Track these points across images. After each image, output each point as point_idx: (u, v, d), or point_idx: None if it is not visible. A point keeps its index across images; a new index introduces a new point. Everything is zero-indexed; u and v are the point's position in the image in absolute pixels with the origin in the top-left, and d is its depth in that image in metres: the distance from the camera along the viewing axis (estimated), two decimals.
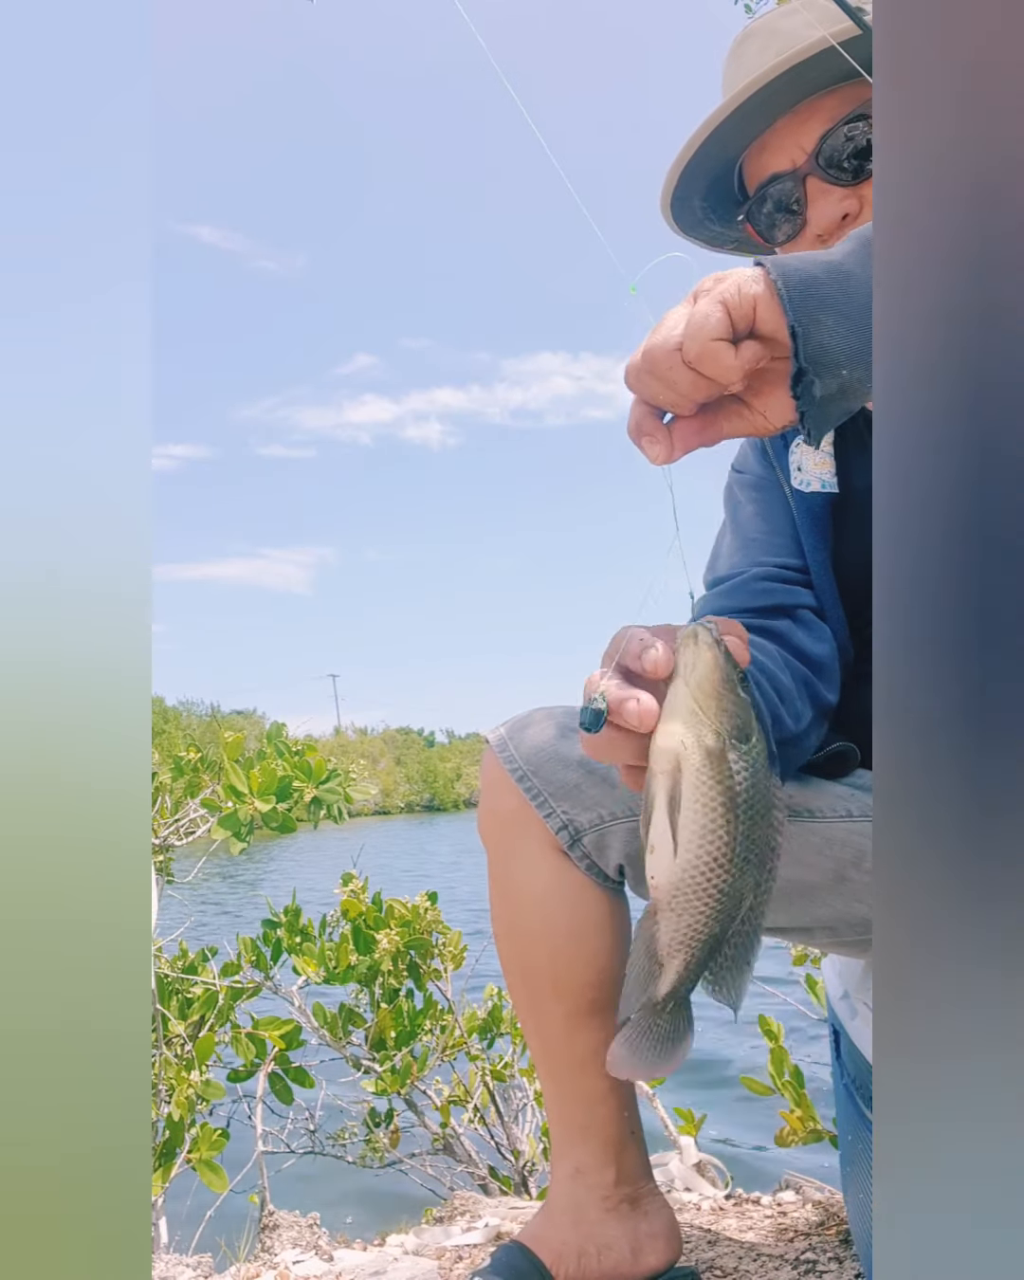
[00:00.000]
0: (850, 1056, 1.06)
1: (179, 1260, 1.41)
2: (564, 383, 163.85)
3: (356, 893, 2.35)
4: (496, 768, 1.02)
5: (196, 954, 2.31)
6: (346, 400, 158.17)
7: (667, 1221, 1.03)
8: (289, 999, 2.33)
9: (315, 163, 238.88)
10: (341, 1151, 2.41)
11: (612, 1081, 1.01)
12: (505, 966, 1.06)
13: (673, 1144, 1.74)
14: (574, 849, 0.99)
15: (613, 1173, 1.01)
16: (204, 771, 2.32)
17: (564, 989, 1.00)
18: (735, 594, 1.02)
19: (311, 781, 2.17)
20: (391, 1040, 2.27)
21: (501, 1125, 2.29)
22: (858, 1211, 1.08)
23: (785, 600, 1.02)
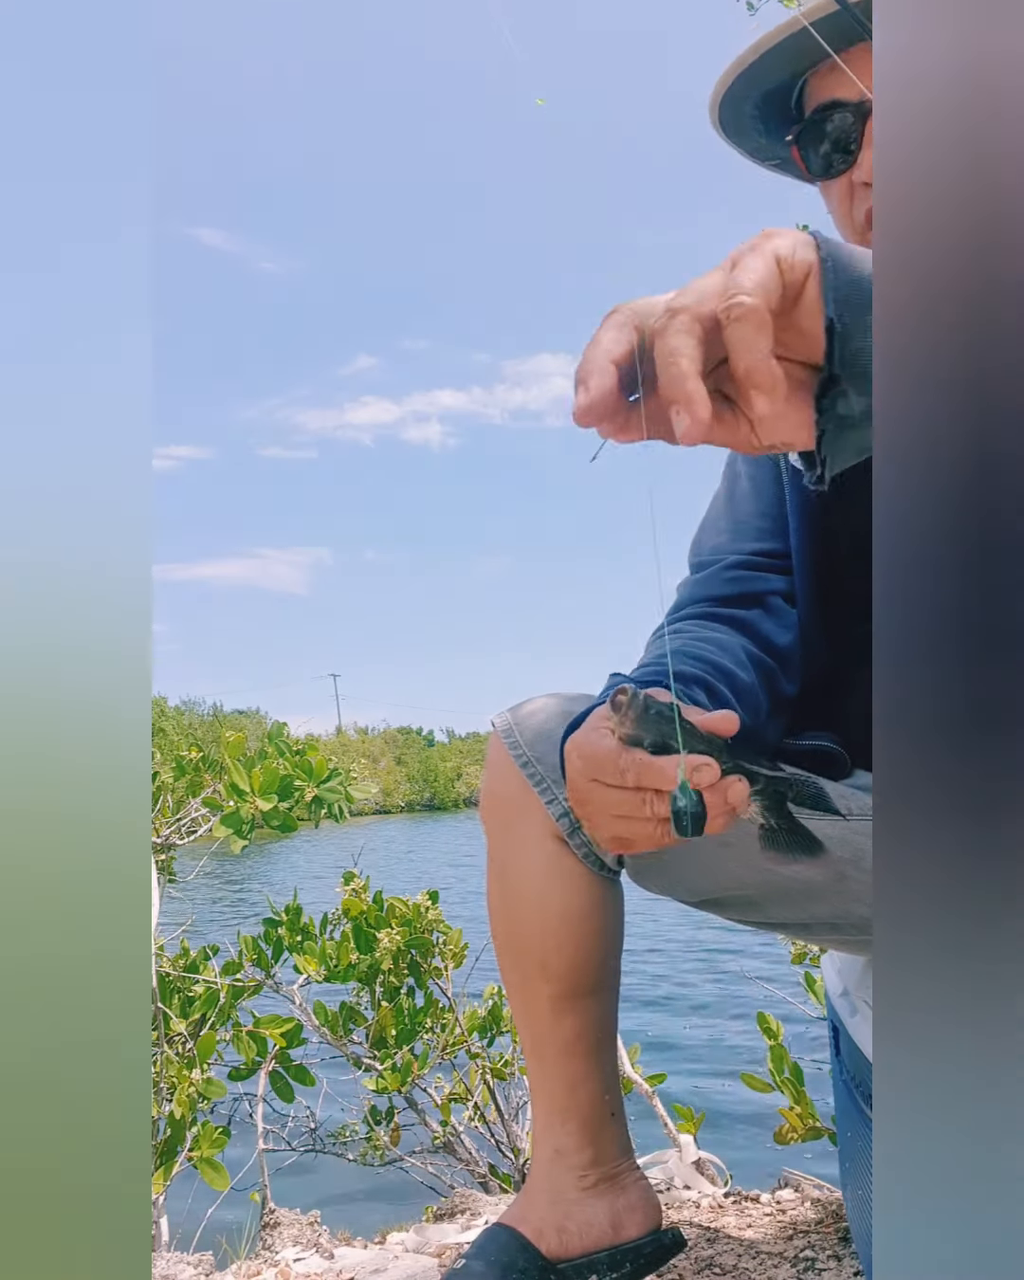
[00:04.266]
0: (849, 1054, 1.06)
1: (180, 1258, 1.41)
2: (564, 384, 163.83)
3: (358, 891, 2.35)
4: (501, 751, 1.02)
5: (197, 952, 2.32)
6: (347, 401, 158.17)
7: (643, 1192, 1.05)
8: (290, 997, 2.33)
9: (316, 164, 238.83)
10: (342, 1149, 2.41)
11: (593, 1064, 1.04)
12: (498, 948, 1.07)
13: (672, 1141, 1.74)
14: (573, 836, 0.99)
15: (591, 1153, 1.03)
16: (206, 771, 2.33)
17: (553, 971, 1.02)
18: (708, 583, 1.03)
19: (313, 781, 2.18)
20: (392, 1038, 2.27)
21: (502, 1123, 2.30)
22: (857, 1209, 1.08)
23: (756, 587, 1.01)
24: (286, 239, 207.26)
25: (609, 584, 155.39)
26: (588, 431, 0.57)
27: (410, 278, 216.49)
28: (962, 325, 0.49)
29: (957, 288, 0.49)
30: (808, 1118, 1.67)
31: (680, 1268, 1.17)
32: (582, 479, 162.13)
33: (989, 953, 0.47)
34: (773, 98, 1.01)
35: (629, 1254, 1.01)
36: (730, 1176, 1.66)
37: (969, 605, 0.48)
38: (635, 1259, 1.01)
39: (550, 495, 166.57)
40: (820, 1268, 1.14)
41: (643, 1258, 1.02)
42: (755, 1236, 1.26)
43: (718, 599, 1.01)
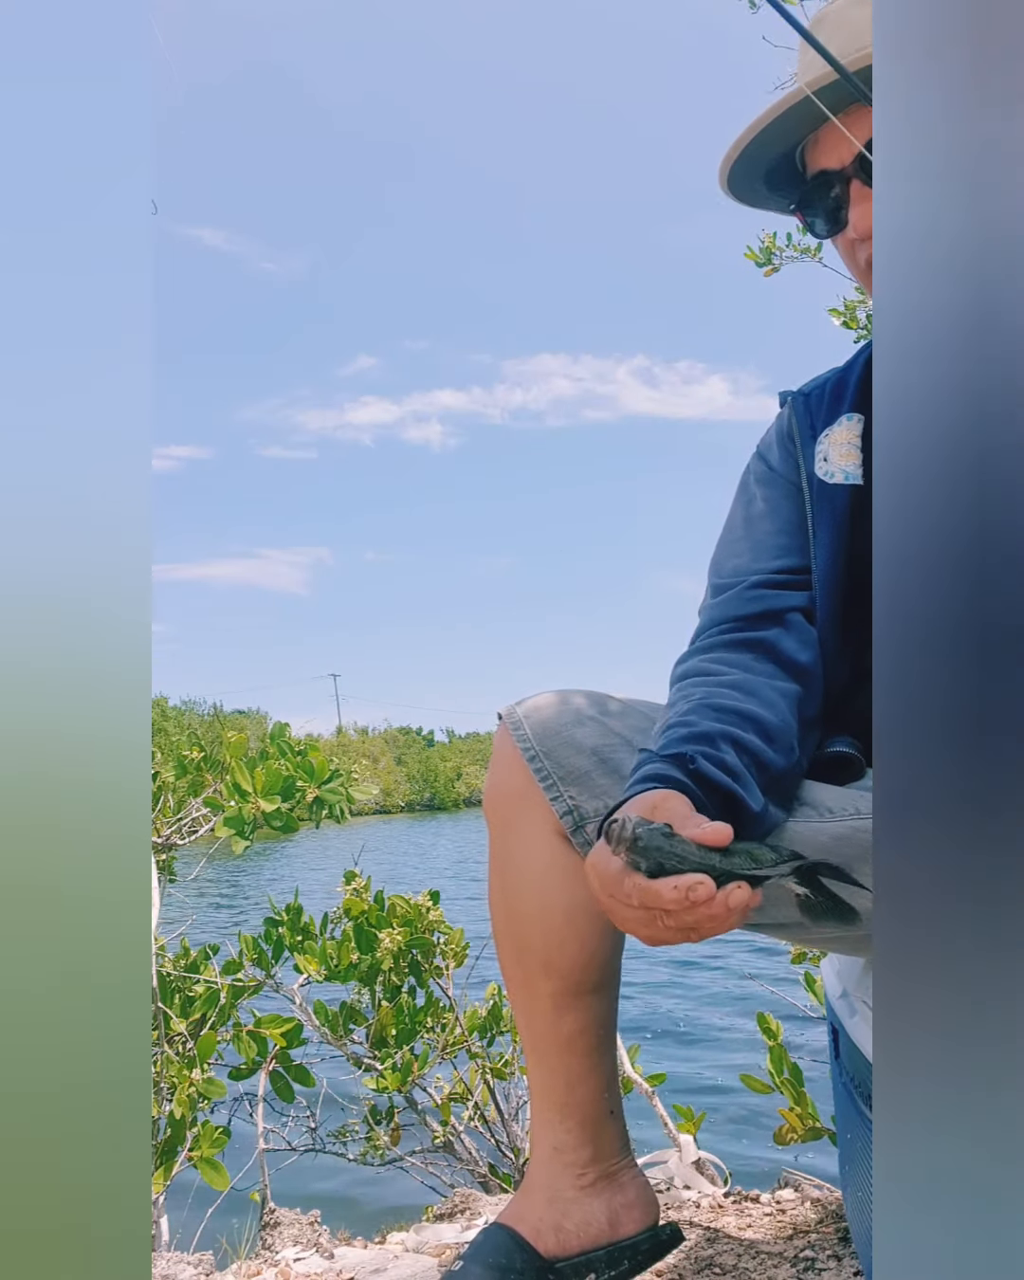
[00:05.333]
0: (849, 1055, 1.06)
1: (180, 1258, 1.41)
2: (564, 384, 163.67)
3: (359, 891, 2.35)
4: (508, 745, 1.03)
5: (198, 952, 2.32)
6: (348, 401, 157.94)
7: (640, 1190, 1.05)
8: (290, 997, 2.33)
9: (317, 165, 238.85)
10: (342, 1149, 2.41)
11: (593, 1062, 1.04)
12: (499, 944, 1.07)
13: (672, 1141, 1.74)
14: (576, 835, 0.99)
15: (590, 1151, 1.03)
16: (207, 771, 2.32)
17: (554, 968, 1.02)
18: (730, 604, 1.05)
19: (314, 781, 2.18)
20: (392, 1038, 2.27)
21: (502, 1123, 2.30)
22: (857, 1211, 1.08)
23: (776, 605, 1.04)
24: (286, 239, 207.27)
25: (610, 584, 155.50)
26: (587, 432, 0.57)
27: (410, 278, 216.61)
28: (958, 355, 0.49)
29: (956, 289, 0.49)
30: (808, 1118, 1.67)
31: (680, 1268, 1.17)
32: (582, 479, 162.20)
33: (989, 953, 0.47)
34: (777, 165, 1.10)
35: (627, 1251, 1.01)
36: (730, 1175, 1.66)
37: (969, 606, 0.48)
38: (633, 1256, 1.01)
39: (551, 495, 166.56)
40: (820, 1268, 1.14)
41: (640, 1254, 1.02)
42: (755, 1236, 1.26)
43: (740, 619, 1.03)
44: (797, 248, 2.98)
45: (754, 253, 3.01)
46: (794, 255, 2.98)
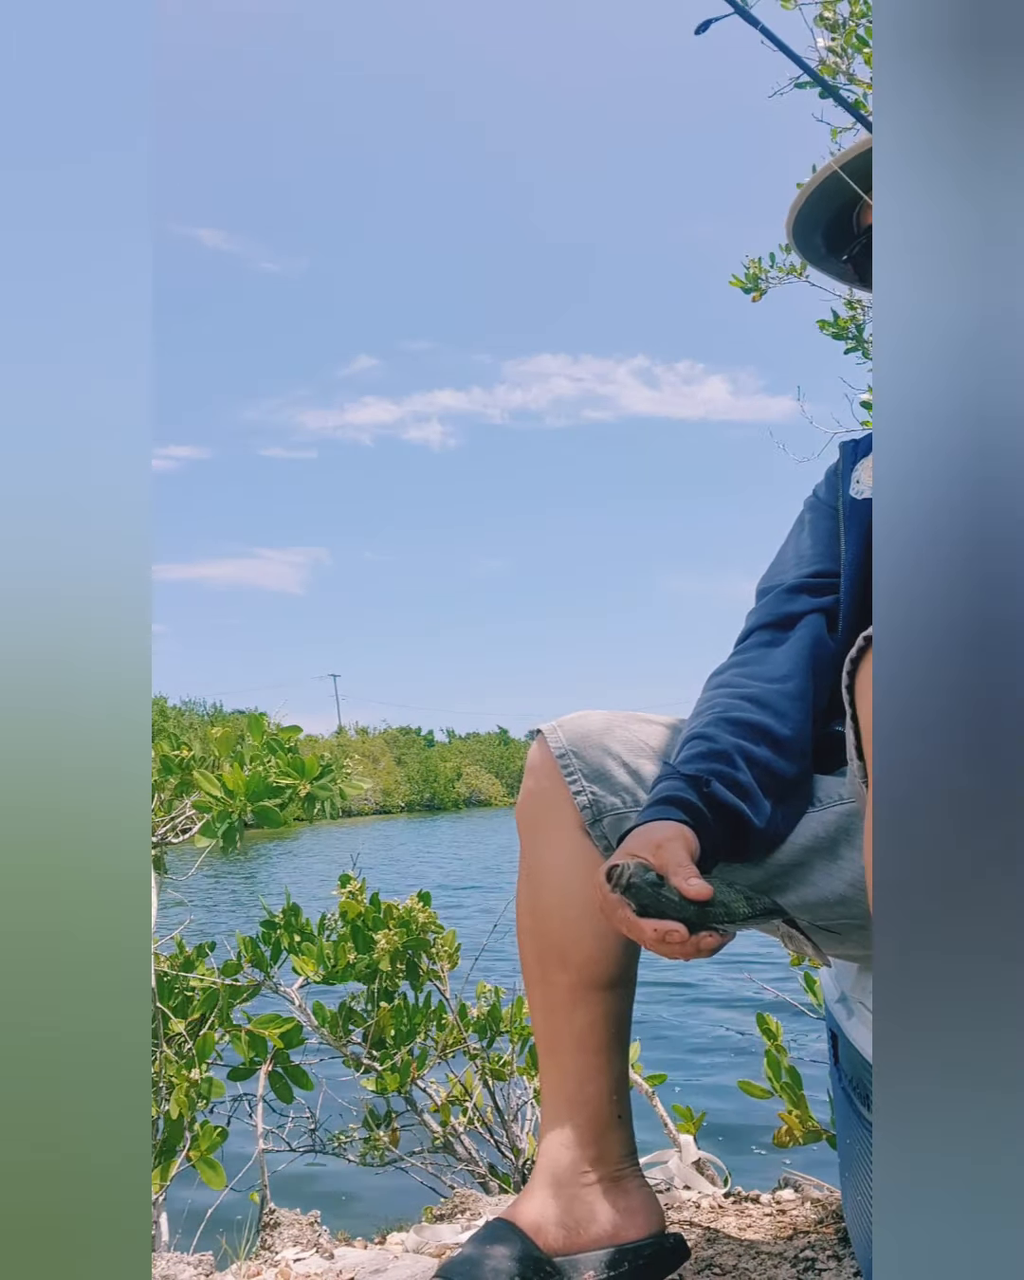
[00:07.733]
0: (848, 1058, 1.06)
1: (180, 1258, 1.41)
2: (564, 384, 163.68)
3: (355, 894, 2.35)
4: (543, 752, 1.09)
5: (193, 950, 2.31)
6: (347, 401, 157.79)
7: (646, 1197, 1.07)
8: (289, 998, 2.33)
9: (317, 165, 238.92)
10: (342, 1150, 2.41)
11: (604, 1060, 1.06)
12: (522, 945, 1.10)
13: (672, 1142, 1.74)
14: (594, 828, 1.03)
15: (594, 1150, 1.04)
16: (195, 769, 2.31)
17: (571, 961, 1.05)
18: (769, 605, 1.18)
19: (305, 778, 2.17)
20: (391, 1039, 2.27)
21: (501, 1124, 2.30)
22: (856, 1214, 1.08)
23: (802, 607, 1.16)
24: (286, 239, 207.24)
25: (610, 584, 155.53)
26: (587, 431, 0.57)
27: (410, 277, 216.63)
28: (957, 369, 0.49)
29: (959, 299, 0.49)
30: (807, 1119, 1.67)
31: (680, 1268, 1.17)
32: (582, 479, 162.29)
33: (989, 954, 0.47)
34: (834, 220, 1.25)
35: (628, 1254, 1.01)
36: (730, 1175, 1.66)
37: (969, 607, 0.48)
38: (634, 1259, 1.01)
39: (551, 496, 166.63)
40: (820, 1268, 1.14)
41: (642, 1259, 1.02)
42: (755, 1237, 1.26)
43: (773, 617, 1.16)
44: (782, 269, 2.98)
45: (740, 280, 3.01)
46: (779, 276, 2.98)
